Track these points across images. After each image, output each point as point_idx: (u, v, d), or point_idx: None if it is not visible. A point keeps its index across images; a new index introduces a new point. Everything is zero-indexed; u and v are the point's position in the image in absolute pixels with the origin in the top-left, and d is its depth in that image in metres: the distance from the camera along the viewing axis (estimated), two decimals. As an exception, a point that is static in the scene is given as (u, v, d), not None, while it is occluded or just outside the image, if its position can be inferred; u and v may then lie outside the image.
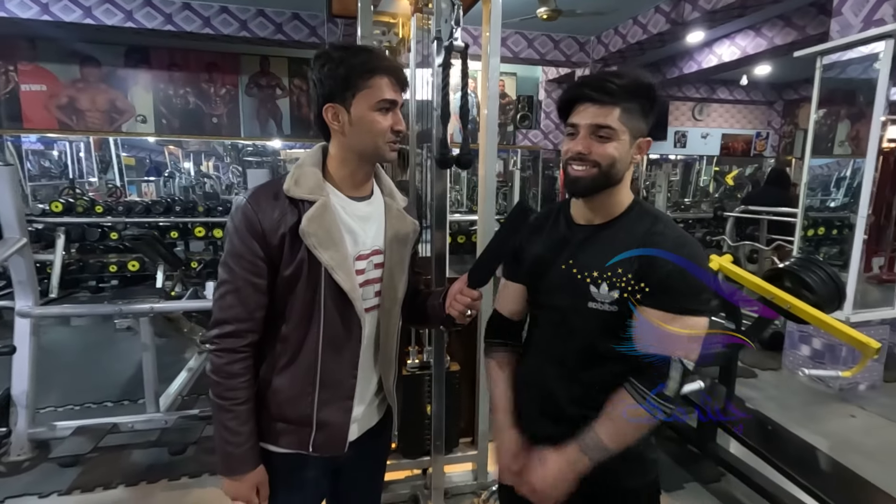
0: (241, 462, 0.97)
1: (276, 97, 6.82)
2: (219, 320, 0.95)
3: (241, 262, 0.93)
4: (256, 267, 0.94)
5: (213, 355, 0.95)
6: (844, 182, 6.44)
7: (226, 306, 0.94)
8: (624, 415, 0.91)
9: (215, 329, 0.95)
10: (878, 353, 2.42)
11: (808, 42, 5.10)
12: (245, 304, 0.94)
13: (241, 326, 0.95)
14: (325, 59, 0.95)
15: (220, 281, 0.96)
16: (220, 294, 0.95)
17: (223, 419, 0.95)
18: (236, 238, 0.94)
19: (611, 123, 0.90)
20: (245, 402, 0.96)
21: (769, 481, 2.06)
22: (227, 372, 0.94)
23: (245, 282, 0.94)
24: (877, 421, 2.92)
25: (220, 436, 0.96)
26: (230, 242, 0.94)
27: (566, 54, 6.31)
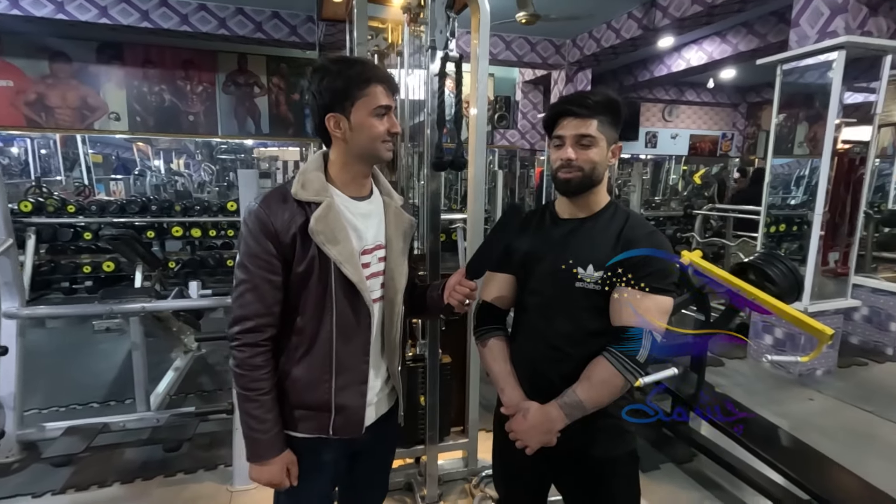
0: (269, 447, 1.04)
1: (255, 95, 6.77)
2: (239, 317, 1.02)
3: (257, 262, 1.00)
4: (272, 265, 1.01)
5: (235, 350, 1.02)
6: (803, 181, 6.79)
7: (245, 304, 1.01)
8: (600, 378, 1.05)
9: (236, 326, 1.02)
10: (833, 339, 2.63)
11: (770, 49, 5.40)
12: (263, 300, 1.01)
13: (260, 321, 1.02)
14: (324, 72, 1.03)
15: (238, 281, 1.02)
16: (238, 293, 1.02)
17: (249, 409, 1.02)
18: (251, 240, 1.01)
19: (591, 132, 1.08)
20: (268, 392, 1.03)
21: (737, 459, 2.23)
22: (251, 364, 1.01)
23: (262, 279, 1.01)
24: (832, 403, 3.15)
25: (247, 425, 1.03)
26: (245, 245, 1.02)
27: (543, 56, 6.47)
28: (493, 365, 1.22)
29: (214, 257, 5.97)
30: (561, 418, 1.06)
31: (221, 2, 5.11)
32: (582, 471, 1.16)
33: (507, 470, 1.32)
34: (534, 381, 1.16)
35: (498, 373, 1.20)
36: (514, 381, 1.18)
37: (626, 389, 1.07)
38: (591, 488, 1.17)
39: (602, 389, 1.06)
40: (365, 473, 1.26)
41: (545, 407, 1.09)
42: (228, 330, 1.04)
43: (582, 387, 1.06)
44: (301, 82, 6.84)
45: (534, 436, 1.08)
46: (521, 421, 1.11)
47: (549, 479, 1.26)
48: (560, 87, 6.79)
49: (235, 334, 1.02)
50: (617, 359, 1.04)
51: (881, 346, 3.95)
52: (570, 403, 1.06)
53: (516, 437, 1.11)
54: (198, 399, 3.08)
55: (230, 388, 3.21)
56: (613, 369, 1.04)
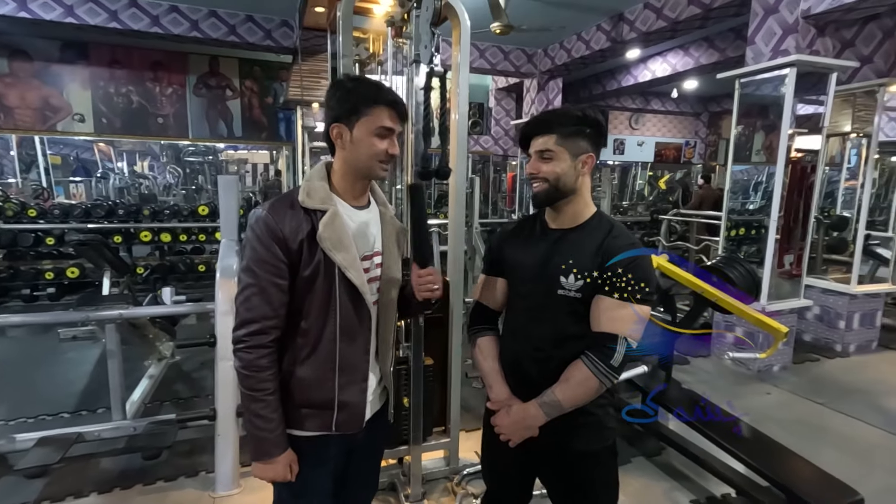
0: (274, 445, 1.08)
1: (227, 98, 6.68)
2: (246, 320, 1.06)
3: (265, 266, 1.05)
4: (279, 269, 1.06)
5: (242, 352, 1.06)
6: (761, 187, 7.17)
7: (252, 307, 1.05)
8: (577, 380, 1.14)
9: (242, 328, 1.06)
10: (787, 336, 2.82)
11: (729, 62, 5.70)
12: (270, 303, 1.06)
13: (266, 324, 1.06)
14: (340, 87, 1.12)
15: (244, 285, 1.07)
16: (245, 297, 1.06)
17: (255, 409, 1.06)
18: (259, 245, 1.05)
19: (549, 147, 1.16)
20: (274, 392, 1.08)
21: (703, 451, 2.37)
22: (257, 366, 1.05)
23: (269, 283, 1.05)
24: (788, 396, 3.37)
25: (252, 424, 1.07)
26: (252, 250, 1.06)
27: (515, 65, 6.63)
28: (482, 363, 1.30)
29: (185, 262, 5.86)
30: (540, 416, 1.15)
31: (194, 4, 5.04)
32: (564, 464, 1.25)
33: (495, 464, 1.40)
34: (518, 378, 1.24)
35: (487, 370, 1.28)
36: (500, 378, 1.26)
37: (601, 391, 1.15)
38: (573, 480, 1.25)
39: (578, 390, 1.14)
40: (358, 470, 1.31)
41: (526, 405, 1.17)
42: (234, 333, 1.07)
43: (560, 388, 1.14)
44: (274, 86, 6.80)
45: (515, 430, 1.17)
46: (503, 416, 1.19)
47: (534, 472, 1.34)
48: (532, 94, 6.96)
49: (242, 336, 1.06)
50: (594, 363, 1.12)
51: (831, 343, 4.22)
52: (549, 403, 1.14)
53: (499, 431, 1.20)
54: (174, 406, 3.04)
55: (208, 394, 3.18)
56: (590, 372, 1.12)
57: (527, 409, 1.17)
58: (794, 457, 2.16)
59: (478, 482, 2.31)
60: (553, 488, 1.31)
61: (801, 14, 3.34)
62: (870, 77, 4.04)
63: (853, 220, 4.87)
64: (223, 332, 2.28)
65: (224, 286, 2.34)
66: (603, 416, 1.23)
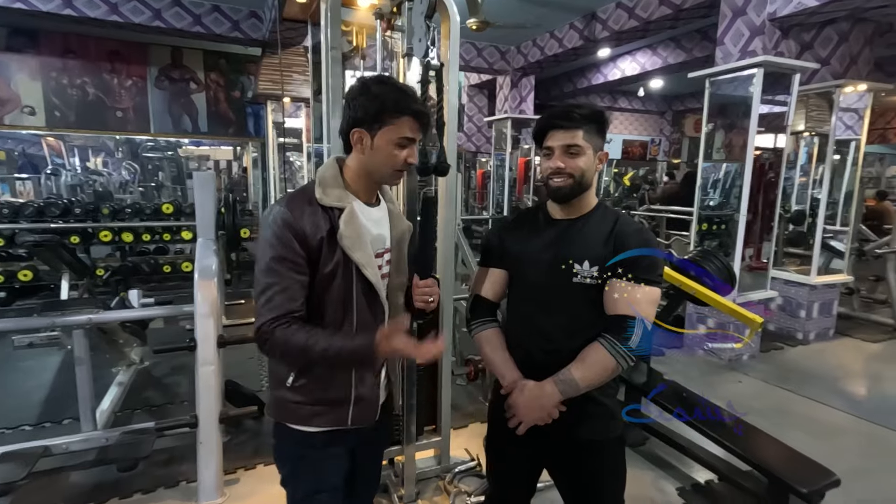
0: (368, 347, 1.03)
1: (191, 91, 6.41)
2: (269, 319, 1.02)
3: (287, 264, 1.03)
4: (301, 266, 1.05)
5: (273, 338, 1.01)
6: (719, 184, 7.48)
7: (276, 305, 1.03)
8: (594, 359, 1.15)
9: (267, 323, 1.02)
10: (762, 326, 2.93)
11: (695, 62, 5.89)
12: (294, 299, 1.04)
13: (293, 316, 1.04)
14: (365, 90, 1.09)
15: (265, 285, 1.03)
16: (268, 297, 1.03)
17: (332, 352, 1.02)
18: (278, 243, 1.03)
19: (577, 142, 1.17)
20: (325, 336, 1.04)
21: (686, 439, 2.44)
22: (295, 336, 1.01)
23: (292, 280, 1.04)
24: (758, 384, 3.52)
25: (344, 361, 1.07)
26: (272, 247, 1.03)
27: (489, 62, 6.64)
28: (492, 354, 1.29)
29: (149, 263, 5.60)
30: (556, 394, 1.15)
31: (156, -9, 4.81)
32: (573, 454, 1.25)
33: (502, 457, 1.39)
34: (529, 368, 1.24)
35: (497, 360, 1.27)
36: (512, 365, 1.25)
37: (617, 373, 1.16)
38: (581, 470, 1.26)
39: (595, 369, 1.15)
40: (363, 466, 1.30)
41: (541, 383, 1.17)
42: (259, 328, 1.03)
43: (577, 367, 1.15)
44: (241, 79, 6.57)
45: (530, 410, 1.17)
46: (518, 394, 1.19)
47: (541, 464, 1.34)
48: (505, 91, 7.00)
49: (267, 324, 1.02)
50: (611, 344, 1.14)
51: (793, 332, 4.44)
52: (565, 380, 1.15)
53: (514, 410, 1.19)
54: (147, 414, 2.90)
55: (183, 401, 3.06)
56: (607, 353, 1.13)
57: (542, 386, 1.17)
58: (773, 441, 2.25)
59: (470, 479, 2.30)
60: (561, 479, 1.31)
61: (767, 17, 3.48)
62: (826, 78, 4.25)
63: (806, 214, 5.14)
64: (203, 336, 2.19)
65: (203, 287, 2.24)
66: (612, 405, 1.25)
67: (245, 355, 3.68)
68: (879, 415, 3.02)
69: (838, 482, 1.94)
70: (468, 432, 2.75)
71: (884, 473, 2.46)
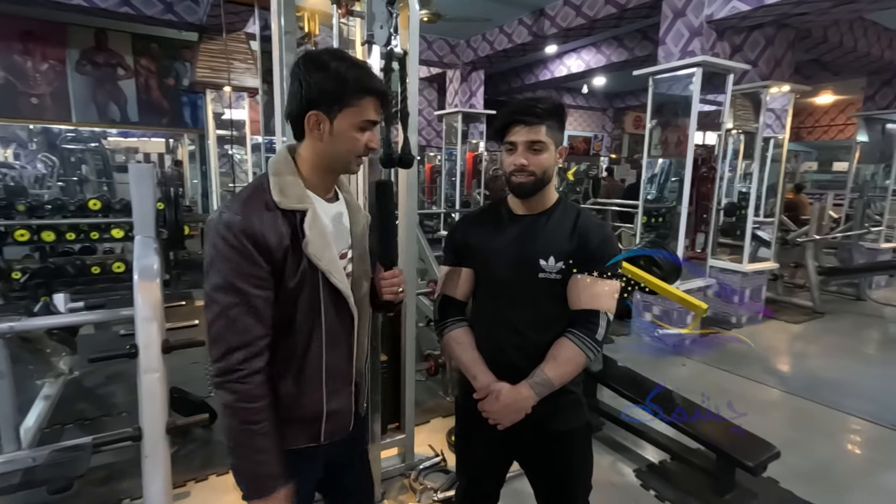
0: (275, 478, 0.96)
1: (119, 77, 5.91)
2: (236, 346, 0.91)
3: (250, 280, 0.91)
4: (266, 281, 0.93)
5: (236, 384, 0.91)
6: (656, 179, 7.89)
7: (241, 329, 0.91)
8: (566, 356, 1.16)
9: (235, 354, 0.91)
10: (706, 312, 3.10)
11: (636, 61, 6.14)
12: (262, 320, 0.93)
13: (261, 344, 0.93)
14: (320, 64, 0.95)
15: (225, 305, 0.90)
16: (230, 319, 0.90)
17: (256, 444, 0.93)
18: (238, 256, 0.90)
19: (541, 138, 1.16)
20: (271, 419, 0.95)
21: (639, 422, 2.54)
22: (255, 395, 0.92)
23: (258, 298, 0.92)
24: (700, 366, 3.74)
25: (252, 461, 0.94)
26: (229, 262, 0.90)
27: (438, 55, 6.60)
28: (461, 353, 1.27)
29: (75, 264, 5.14)
30: (532, 396, 1.15)
31: (76, -34, 4.38)
32: (544, 444, 1.27)
33: (473, 452, 1.38)
34: (499, 362, 1.23)
35: (467, 360, 1.25)
36: (483, 365, 1.24)
37: (586, 365, 1.19)
38: (553, 459, 1.28)
39: (568, 366, 1.16)
40: (348, 467, 1.24)
41: (517, 387, 1.16)
42: (221, 362, 0.91)
43: (549, 366, 1.16)
44: (176, 65, 6.15)
45: (506, 415, 1.16)
46: (493, 402, 1.17)
47: (512, 456, 1.34)
48: (455, 85, 6.99)
49: (236, 365, 0.91)
50: (579, 339, 1.15)
51: (727, 316, 4.75)
52: (540, 382, 1.15)
53: (490, 416, 1.18)
54: (80, 429, 2.65)
55: (121, 412, 2.83)
56: (577, 348, 1.15)
57: (518, 391, 1.16)
58: (718, 419, 2.39)
59: (435, 475, 2.29)
60: (532, 468, 1.33)
61: (704, 19, 3.67)
62: (754, 80, 4.56)
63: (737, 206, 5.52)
64: (146, 341, 2.02)
65: (145, 288, 2.07)
66: (580, 393, 1.28)
67: (189, 360, 3.45)
68: (806, 390, 3.30)
69: (779, 454, 2.09)
70: (430, 428, 2.72)
71: (812, 443, 2.68)
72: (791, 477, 2.29)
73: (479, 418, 1.21)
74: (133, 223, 2.29)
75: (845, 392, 3.29)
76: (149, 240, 2.26)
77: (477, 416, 1.22)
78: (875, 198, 6.42)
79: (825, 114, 11.89)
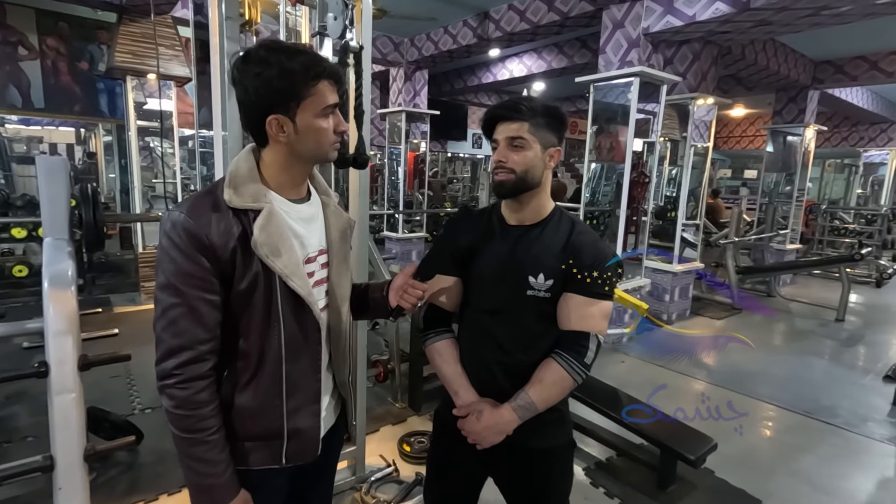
0: (226, 490, 0.91)
1: (20, 58, 5.25)
2: (175, 348, 0.86)
3: (191, 281, 0.86)
4: (209, 283, 0.87)
5: (174, 388, 0.86)
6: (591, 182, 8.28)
7: (181, 331, 0.86)
8: (552, 380, 1.11)
9: (171, 359, 0.86)
10: (647, 312, 3.24)
11: (575, 68, 6.35)
12: (203, 323, 0.87)
13: (202, 349, 0.87)
14: (258, 63, 0.87)
15: (166, 306, 0.86)
16: (169, 320, 0.86)
17: (199, 453, 0.88)
18: (180, 256, 0.85)
19: (522, 135, 1.10)
20: (219, 429, 0.90)
21: (586, 420, 2.61)
22: (196, 402, 0.87)
23: (199, 300, 0.86)
24: (637, 362, 3.92)
25: (196, 472, 0.89)
26: (172, 262, 0.86)
27: (382, 53, 6.48)
28: (444, 367, 1.20)
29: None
30: (514, 419, 1.10)
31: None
32: (522, 461, 1.21)
33: (445, 469, 1.32)
34: (482, 380, 1.18)
35: (450, 375, 1.19)
36: (466, 382, 1.18)
37: (572, 389, 1.14)
38: (532, 476, 1.22)
39: (553, 390, 1.11)
40: (313, 492, 1.15)
41: (499, 409, 1.11)
42: (160, 365, 0.86)
43: (534, 389, 1.10)
44: (90, 48, 5.56)
45: (487, 436, 1.11)
46: (473, 422, 1.12)
47: (488, 473, 1.29)
48: (399, 83, 6.90)
49: (172, 370, 0.86)
50: (567, 362, 1.10)
51: (659, 314, 5.04)
52: (523, 405, 1.10)
53: (469, 436, 1.12)
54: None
55: (25, 437, 2.50)
56: (564, 372, 1.10)
57: (500, 413, 1.10)
58: (648, 406, 2.50)
59: (388, 487, 2.21)
60: (508, 486, 1.27)
61: (642, 31, 3.85)
62: (683, 91, 4.86)
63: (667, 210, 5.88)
64: (60, 358, 1.78)
65: (57, 298, 1.83)
66: (566, 411, 1.24)
67: (108, 373, 3.14)
68: (731, 382, 3.55)
69: (716, 446, 2.21)
70: (379, 436, 2.64)
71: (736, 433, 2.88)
72: (723, 466, 2.44)
73: (457, 434, 1.15)
74: (42, 223, 2.03)
75: (763, 382, 3.58)
76: (61, 242, 2.02)
77: (455, 432, 1.16)
78: (780, 202, 7.08)
79: (738, 125, 12.99)
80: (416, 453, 2.42)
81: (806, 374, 3.86)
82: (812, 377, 3.80)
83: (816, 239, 8.59)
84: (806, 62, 6.55)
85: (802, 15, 3.73)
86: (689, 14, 3.78)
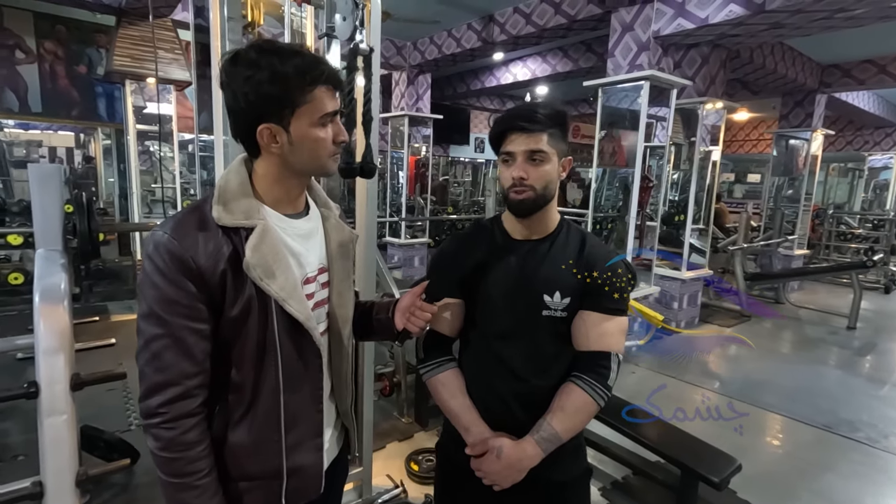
0: None
1: (17, 62, 5.18)
2: (160, 384, 0.77)
3: (176, 309, 0.77)
4: (196, 311, 0.79)
5: (159, 429, 0.78)
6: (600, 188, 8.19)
7: (166, 365, 0.77)
8: (575, 406, 1.01)
9: (156, 396, 0.78)
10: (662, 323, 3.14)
11: (580, 71, 6.28)
12: (190, 356, 0.78)
13: (190, 384, 0.79)
14: (248, 66, 0.78)
15: (148, 337, 0.78)
16: (152, 353, 0.78)
17: (188, 499, 0.80)
18: (163, 281, 0.77)
19: (542, 148, 1.01)
20: (210, 472, 0.82)
21: (600, 437, 2.51)
22: (184, 443, 0.79)
23: (186, 330, 0.78)
24: (647, 373, 3.82)
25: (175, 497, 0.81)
26: (155, 288, 0.77)
27: (384, 56, 6.40)
28: (450, 401, 1.10)
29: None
30: (538, 455, 1.00)
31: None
32: (540, 497, 1.11)
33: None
34: (494, 411, 1.08)
35: (458, 409, 1.09)
36: (476, 415, 1.07)
37: (595, 414, 1.05)
38: None
39: (577, 418, 1.02)
40: None
41: (520, 444, 1.01)
42: (143, 402, 0.79)
43: (557, 418, 1.01)
44: (89, 52, 5.49)
45: (508, 475, 1.00)
46: (493, 461, 1.01)
47: None
48: (402, 87, 6.82)
49: (158, 408, 0.78)
50: (590, 385, 1.01)
51: (667, 321, 4.94)
52: (547, 438, 1.00)
53: (488, 478, 1.02)
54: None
55: (16, 455, 2.40)
56: (588, 397, 1.01)
57: (523, 448, 1.00)
58: (678, 432, 2.40)
59: (395, 510, 2.11)
60: None
61: (651, 34, 3.77)
62: (691, 95, 4.77)
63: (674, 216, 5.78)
64: (50, 378, 1.69)
65: (48, 314, 1.73)
66: (582, 438, 1.15)
67: (103, 387, 3.03)
68: (744, 394, 3.45)
69: (740, 467, 2.11)
70: (386, 454, 2.54)
71: (755, 447, 2.79)
72: (745, 485, 2.34)
73: (466, 471, 1.05)
74: (34, 233, 1.94)
75: (778, 393, 3.48)
76: (54, 254, 1.93)
77: (464, 469, 1.06)
78: (784, 207, 6.99)
79: (741, 129, 12.92)
80: (425, 472, 2.32)
81: (821, 385, 3.76)
82: (828, 388, 3.70)
83: (823, 244, 8.50)
84: (813, 66, 6.48)
85: (816, 18, 3.65)
86: (702, 16, 3.71)
